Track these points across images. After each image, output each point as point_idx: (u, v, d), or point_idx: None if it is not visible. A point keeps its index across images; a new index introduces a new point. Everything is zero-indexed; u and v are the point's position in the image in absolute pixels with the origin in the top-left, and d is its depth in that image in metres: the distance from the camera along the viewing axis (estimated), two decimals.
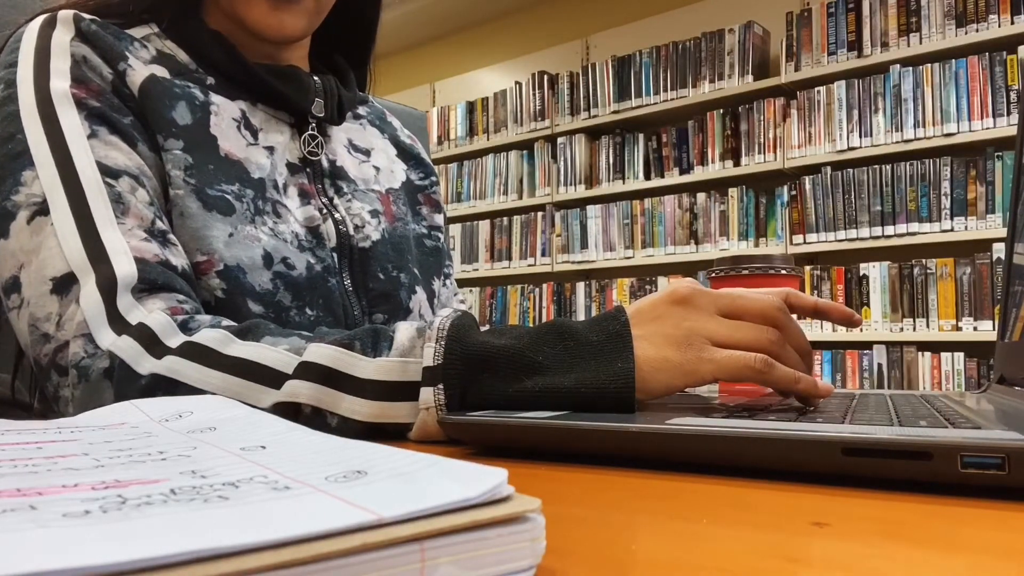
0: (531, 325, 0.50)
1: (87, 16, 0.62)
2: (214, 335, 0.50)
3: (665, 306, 0.50)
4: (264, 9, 0.65)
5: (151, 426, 0.31)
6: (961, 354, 2.61)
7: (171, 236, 0.58)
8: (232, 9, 0.66)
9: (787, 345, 0.52)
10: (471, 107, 3.98)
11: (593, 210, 3.49)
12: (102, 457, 0.23)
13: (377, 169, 0.78)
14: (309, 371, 0.47)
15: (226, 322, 0.53)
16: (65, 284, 0.53)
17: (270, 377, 0.48)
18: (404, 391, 0.47)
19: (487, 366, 0.46)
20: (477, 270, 3.87)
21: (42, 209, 0.54)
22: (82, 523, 0.15)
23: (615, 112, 3.42)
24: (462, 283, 3.90)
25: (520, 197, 3.75)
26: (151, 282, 0.54)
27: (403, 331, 0.49)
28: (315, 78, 0.71)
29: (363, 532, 0.15)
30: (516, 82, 3.82)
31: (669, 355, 0.48)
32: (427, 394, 0.46)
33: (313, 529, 0.15)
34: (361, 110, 0.83)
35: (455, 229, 3.91)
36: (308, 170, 0.70)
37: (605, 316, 0.49)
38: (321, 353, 0.48)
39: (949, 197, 2.64)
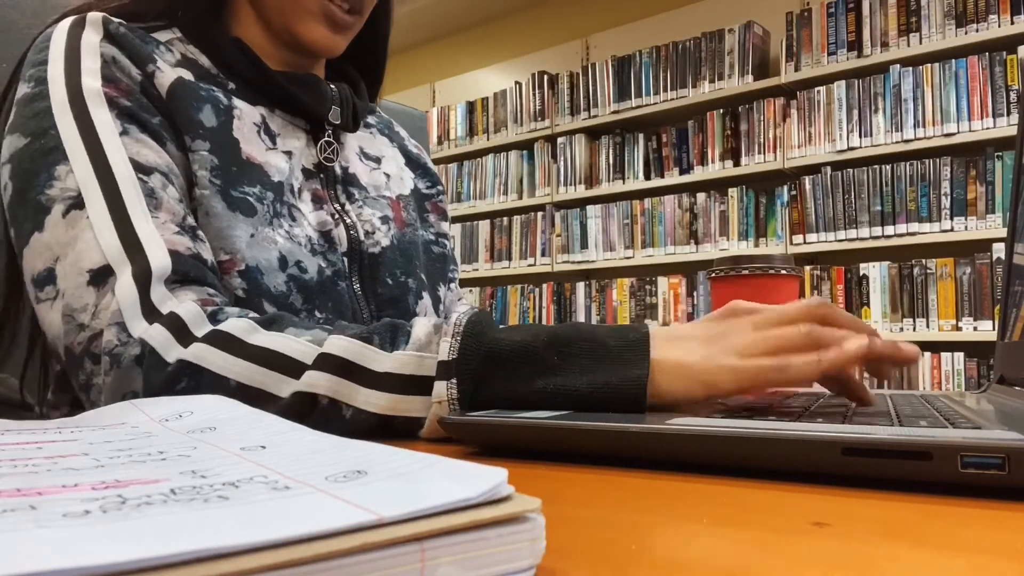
0: (552, 324, 0.51)
1: (115, 19, 0.63)
2: (240, 324, 0.51)
3: (704, 324, 0.50)
4: (324, 32, 0.68)
5: (151, 426, 0.31)
6: (961, 354, 2.61)
7: (200, 232, 0.59)
8: (284, 25, 0.68)
9: (823, 330, 0.48)
10: (471, 107, 3.98)
11: (593, 210, 3.49)
12: (102, 457, 0.23)
13: (387, 176, 0.80)
14: (327, 362, 0.48)
15: (252, 314, 0.54)
16: (102, 276, 0.54)
17: (291, 367, 0.49)
18: (419, 385, 0.48)
19: (502, 363, 0.47)
20: (477, 270, 3.87)
21: (77, 203, 0.55)
22: (82, 523, 0.15)
23: (615, 112, 3.42)
24: (462, 283, 3.89)
25: (520, 197, 3.75)
26: (184, 274, 0.55)
27: (420, 326, 0.50)
28: (332, 86, 0.73)
29: (363, 532, 0.15)
30: (516, 82, 3.82)
31: (688, 361, 0.47)
32: (440, 387, 0.47)
33: (313, 529, 0.15)
34: (371, 119, 0.85)
35: (455, 229, 3.91)
36: (322, 176, 0.71)
37: (627, 326, 0.50)
38: (340, 345, 0.49)
39: (949, 197, 2.64)
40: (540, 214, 3.68)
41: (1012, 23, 2.56)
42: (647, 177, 3.36)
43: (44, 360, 0.67)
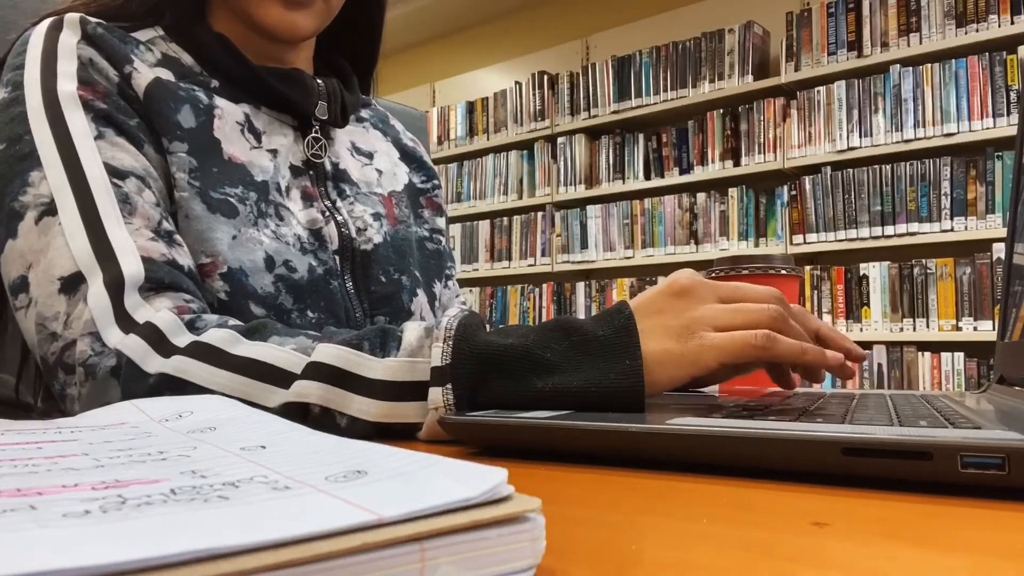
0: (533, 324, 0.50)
1: (93, 19, 0.63)
2: (221, 335, 0.50)
3: (665, 299, 0.51)
4: (278, 11, 0.65)
5: (151, 426, 0.31)
6: (961, 354, 2.61)
7: (177, 236, 0.58)
8: (244, 9, 0.66)
9: (791, 320, 0.52)
10: (471, 107, 3.98)
11: (593, 210, 3.49)
12: (102, 457, 0.23)
13: (380, 172, 0.78)
14: (318, 371, 0.47)
15: (233, 321, 0.53)
16: (73, 283, 0.53)
17: (278, 377, 0.48)
18: (413, 391, 0.47)
19: (496, 365, 0.46)
20: (477, 270, 3.87)
21: (50, 209, 0.55)
22: (82, 523, 0.15)
23: (615, 112, 3.42)
24: (462, 283, 3.88)
25: (520, 197, 3.75)
26: (158, 281, 0.54)
27: (411, 331, 0.49)
28: (318, 81, 0.71)
29: (363, 532, 0.15)
30: (516, 82, 3.82)
31: (671, 347, 0.48)
32: (436, 394, 0.46)
33: (313, 529, 0.15)
34: (364, 113, 0.83)
35: (455, 229, 3.91)
36: (311, 173, 0.70)
37: (609, 311, 0.49)
38: (330, 353, 0.48)
39: (949, 197, 2.64)
40: (540, 214, 3.68)
41: (1012, 23, 2.57)
42: (647, 177, 3.36)
43: (37, 364, 0.67)
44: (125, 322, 0.52)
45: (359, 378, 0.47)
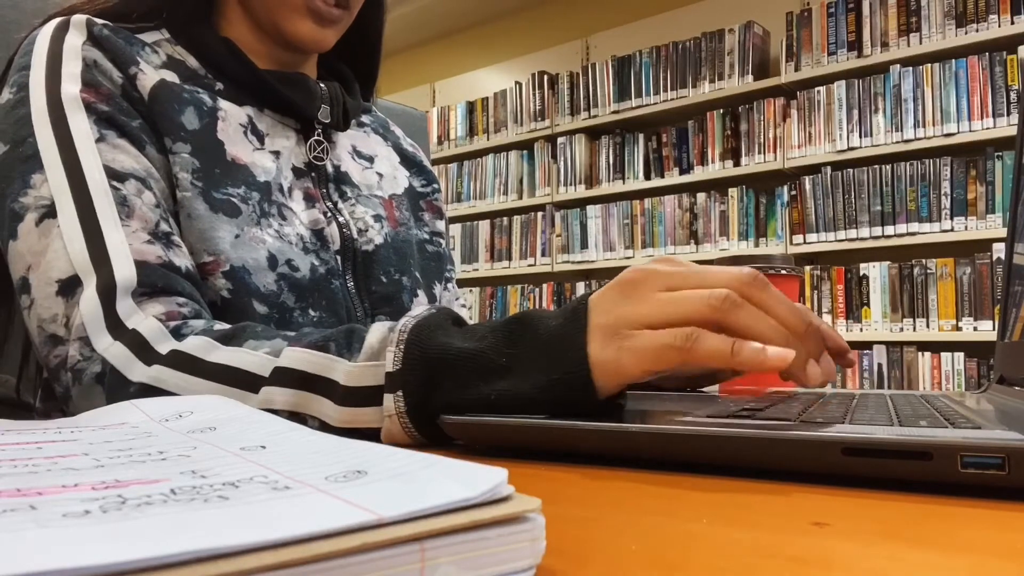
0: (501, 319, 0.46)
1: (99, 20, 0.63)
2: (198, 342, 0.50)
3: (611, 293, 0.44)
4: (311, 26, 0.68)
5: (151, 426, 0.31)
6: (961, 354, 2.61)
7: (175, 238, 0.59)
8: (272, 21, 0.68)
9: (748, 307, 0.42)
10: (471, 107, 3.98)
11: (593, 210, 3.49)
12: (102, 457, 0.23)
13: (380, 175, 0.79)
14: (283, 376, 0.47)
15: (218, 325, 0.53)
16: (70, 286, 0.54)
17: (250, 382, 0.48)
18: (371, 396, 0.45)
19: (447, 372, 0.44)
20: (477, 270, 3.87)
21: (50, 212, 0.55)
22: (82, 523, 0.15)
23: (615, 112, 3.42)
24: (462, 283, 3.89)
25: (520, 197, 3.75)
26: (152, 285, 0.55)
27: (374, 332, 0.47)
28: (321, 85, 0.72)
29: (363, 532, 0.15)
30: (516, 82, 3.82)
31: (594, 352, 0.42)
32: (389, 401, 0.44)
33: (313, 529, 0.15)
34: (365, 118, 0.85)
35: (455, 229, 3.91)
36: (313, 175, 0.71)
37: (567, 309, 0.45)
38: (296, 357, 0.47)
39: (949, 197, 2.64)
40: (540, 214, 3.68)
41: (1012, 23, 2.56)
42: (647, 177, 3.36)
43: (38, 363, 0.67)
44: (115, 328, 0.52)
45: (323, 380, 0.46)
